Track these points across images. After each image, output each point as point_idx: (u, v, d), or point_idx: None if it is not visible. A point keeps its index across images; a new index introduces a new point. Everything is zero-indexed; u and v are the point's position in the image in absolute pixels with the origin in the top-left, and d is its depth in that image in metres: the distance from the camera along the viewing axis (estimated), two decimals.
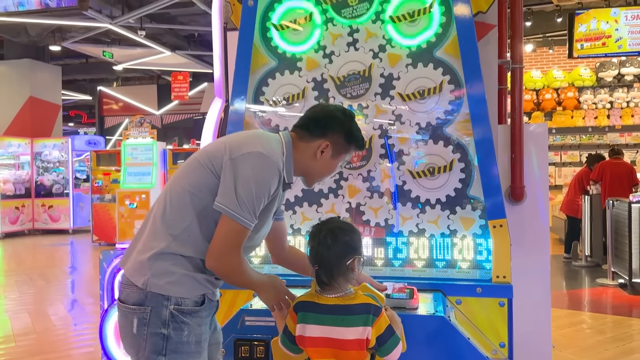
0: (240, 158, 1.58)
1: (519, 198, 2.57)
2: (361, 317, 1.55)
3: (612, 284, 6.01)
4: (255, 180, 1.57)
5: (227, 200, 1.55)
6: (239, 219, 1.54)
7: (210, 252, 1.58)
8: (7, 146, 11.56)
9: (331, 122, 1.75)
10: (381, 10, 2.28)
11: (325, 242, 1.58)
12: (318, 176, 1.83)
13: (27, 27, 10.51)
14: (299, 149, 1.74)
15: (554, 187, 10.63)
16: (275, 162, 1.62)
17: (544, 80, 10.84)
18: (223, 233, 1.56)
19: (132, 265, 1.63)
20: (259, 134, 1.76)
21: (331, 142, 1.74)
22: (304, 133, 1.75)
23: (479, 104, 2.13)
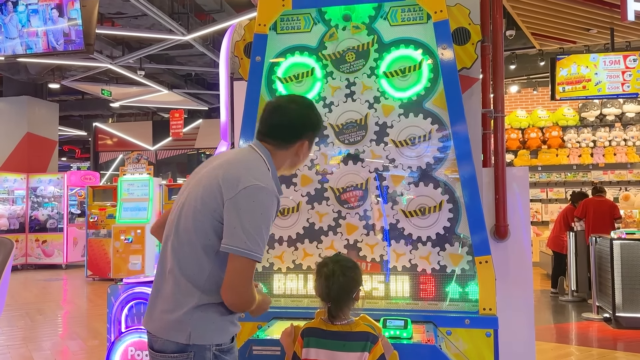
0: (239, 196, 1.60)
1: (503, 236, 2.78)
2: (360, 344, 1.75)
3: (597, 318, 6.18)
4: (260, 212, 1.61)
5: (234, 240, 1.57)
6: (249, 254, 1.57)
7: (229, 288, 1.59)
8: (3, 181, 11.66)
9: (305, 125, 1.83)
10: (375, 66, 2.53)
11: (338, 282, 1.79)
12: (297, 167, 1.97)
13: (27, 66, 10.77)
14: (278, 158, 1.81)
15: (541, 223, 10.88)
16: (272, 190, 1.66)
17: (529, 120, 11.23)
18: (237, 270, 1.58)
19: (164, 325, 1.64)
20: (244, 160, 1.75)
21: (307, 140, 1.85)
22: (280, 142, 1.81)
23: (463, 148, 2.35)
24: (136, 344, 2.92)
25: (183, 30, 8.19)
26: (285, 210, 2.53)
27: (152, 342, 1.68)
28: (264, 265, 2.51)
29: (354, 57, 2.54)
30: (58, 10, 5.70)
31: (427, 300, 2.37)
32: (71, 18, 5.67)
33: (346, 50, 2.54)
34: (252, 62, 2.54)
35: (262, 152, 1.79)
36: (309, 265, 2.49)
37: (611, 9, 6.96)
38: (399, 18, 2.52)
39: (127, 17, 8.58)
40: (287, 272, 2.50)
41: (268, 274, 2.51)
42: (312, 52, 2.58)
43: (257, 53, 2.55)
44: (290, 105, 1.86)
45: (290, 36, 2.61)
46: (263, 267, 2.51)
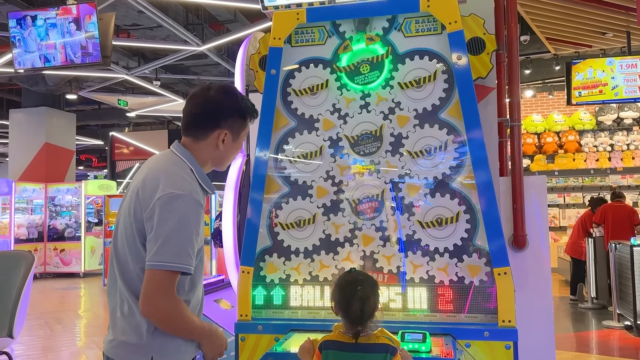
0: (153, 208, 1.54)
1: (521, 246, 2.76)
2: (380, 355, 1.75)
3: (618, 326, 6.08)
4: (177, 221, 1.53)
5: (150, 253, 1.52)
6: (164, 265, 1.51)
7: (145, 300, 1.53)
8: (22, 191, 11.85)
9: (220, 111, 1.71)
10: (390, 77, 2.53)
11: (369, 304, 1.79)
12: (227, 161, 1.82)
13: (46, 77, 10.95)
14: (199, 152, 1.70)
15: (558, 229, 10.76)
16: (189, 196, 1.57)
17: (545, 124, 11.13)
18: (153, 281, 1.51)
19: (124, 350, 1.60)
20: (162, 169, 1.65)
21: (228, 129, 1.72)
22: (197, 132, 1.71)
23: (480, 157, 2.34)
24: None
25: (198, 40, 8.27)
26: (301, 222, 2.53)
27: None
28: (281, 277, 2.51)
29: (369, 68, 2.54)
30: (75, 24, 5.79)
31: (445, 312, 2.35)
32: (88, 31, 5.76)
33: (360, 62, 2.55)
34: (267, 75, 2.56)
35: (181, 153, 1.69)
36: (326, 277, 2.49)
37: (627, 12, 6.89)
38: (413, 29, 2.52)
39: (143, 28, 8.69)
40: (304, 284, 2.50)
41: (285, 285, 2.51)
42: (326, 64, 2.59)
43: (272, 66, 2.56)
44: (205, 92, 1.74)
45: (304, 49, 2.62)
46: (280, 279, 2.51)
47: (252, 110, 1.82)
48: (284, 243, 2.54)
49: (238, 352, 2.41)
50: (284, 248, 2.54)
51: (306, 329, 2.36)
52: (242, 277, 2.49)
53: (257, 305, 2.49)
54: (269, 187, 2.59)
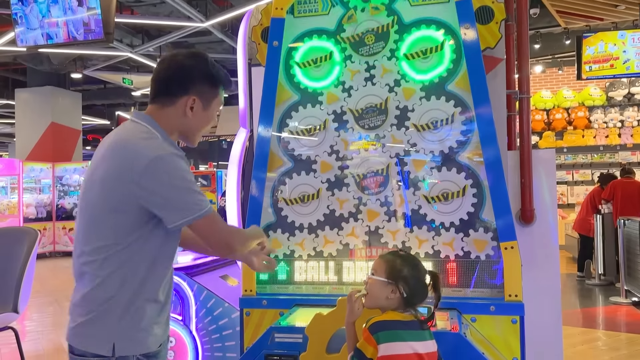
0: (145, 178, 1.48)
1: (529, 220, 2.72)
2: (428, 331, 1.72)
3: (626, 302, 6.06)
4: (180, 178, 1.52)
5: (180, 212, 1.50)
6: (204, 212, 1.52)
7: (218, 247, 1.64)
8: (30, 171, 11.91)
9: (187, 76, 1.62)
10: (396, 48, 2.46)
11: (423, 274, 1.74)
12: (197, 132, 1.72)
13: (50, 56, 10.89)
14: (164, 117, 1.61)
15: (567, 206, 10.69)
16: (170, 152, 1.53)
17: (554, 100, 10.98)
18: (209, 228, 1.55)
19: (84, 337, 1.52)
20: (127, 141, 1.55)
21: (197, 96, 1.63)
22: (164, 99, 1.62)
23: (488, 130, 2.29)
24: None
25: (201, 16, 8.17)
26: (305, 197, 2.50)
27: (72, 347, 1.54)
28: (285, 252, 2.49)
29: (374, 39, 2.48)
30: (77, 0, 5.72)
31: (451, 287, 2.33)
32: (90, 7, 5.68)
33: (365, 33, 2.48)
34: (269, 47, 2.50)
35: (143, 120, 1.59)
36: (330, 252, 2.47)
37: None
38: None
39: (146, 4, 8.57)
40: (308, 260, 2.48)
41: (289, 261, 2.49)
42: (330, 35, 2.53)
43: (274, 38, 2.51)
44: (173, 57, 1.65)
45: (307, 19, 2.56)
46: (284, 254, 2.49)
47: (225, 78, 1.72)
48: (288, 219, 2.52)
49: (243, 326, 2.41)
50: (288, 224, 2.51)
51: (311, 303, 2.35)
52: None
53: (262, 280, 2.48)
54: (272, 162, 2.55)
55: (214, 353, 2.93)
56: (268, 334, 2.08)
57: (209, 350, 2.94)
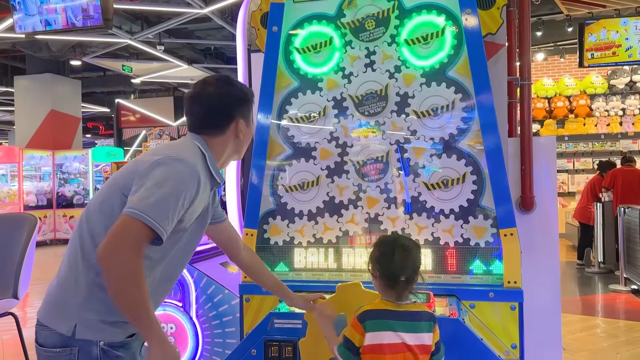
0: (150, 166, 1.48)
1: (529, 207, 2.71)
2: (427, 324, 1.68)
3: (625, 290, 6.08)
4: (172, 181, 1.45)
5: (131, 201, 1.41)
6: (141, 216, 1.37)
7: (105, 243, 1.36)
8: (30, 158, 11.90)
9: (230, 105, 1.69)
10: (396, 33, 2.44)
11: (412, 257, 1.70)
12: (245, 147, 1.80)
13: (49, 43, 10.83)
14: (217, 146, 1.68)
15: (567, 194, 10.69)
16: (192, 164, 1.52)
17: (556, 88, 10.93)
18: (122, 225, 1.37)
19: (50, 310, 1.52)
20: (171, 144, 1.66)
21: (241, 118, 1.71)
22: (212, 130, 1.68)
23: (489, 117, 2.28)
24: (160, 317, 2.96)
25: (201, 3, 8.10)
26: (304, 184, 2.49)
27: (37, 333, 1.52)
28: (285, 239, 2.49)
29: (374, 24, 2.45)
30: None
31: (450, 274, 2.33)
32: None
33: (365, 18, 2.46)
34: (269, 33, 2.48)
35: (197, 140, 1.66)
36: (330, 239, 2.47)
37: None
38: None
39: None
40: (308, 246, 2.48)
41: (289, 248, 2.49)
42: (330, 20, 2.51)
43: (273, 23, 2.48)
44: (206, 90, 1.70)
45: (307, 5, 2.54)
46: (284, 241, 2.49)
47: (249, 90, 1.82)
48: (287, 206, 2.51)
49: (242, 313, 2.42)
50: (288, 211, 2.51)
51: (310, 290, 2.35)
52: (246, 239, 2.47)
53: None
54: (272, 149, 2.54)
55: (214, 339, 2.94)
56: (267, 319, 2.09)
57: (209, 336, 2.95)
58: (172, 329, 2.91)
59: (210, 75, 1.84)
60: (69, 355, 1.44)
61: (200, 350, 2.94)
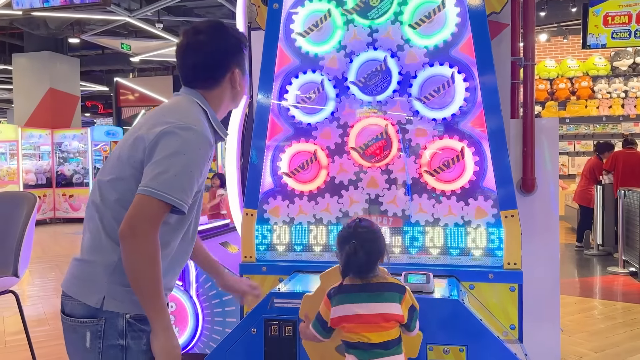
0: (158, 137, 1.42)
1: (530, 189, 2.71)
2: (390, 294, 1.72)
3: (623, 272, 6.11)
4: (183, 153, 1.41)
5: (145, 179, 1.39)
6: (157, 194, 1.36)
7: (126, 223, 1.36)
8: (29, 137, 11.87)
9: (225, 55, 1.60)
10: (399, 11, 2.40)
11: (358, 260, 1.72)
12: (242, 96, 1.73)
13: (47, 20, 10.72)
14: (215, 99, 1.61)
15: (567, 177, 10.68)
16: (201, 131, 1.47)
17: (558, 70, 10.84)
18: (140, 205, 1.37)
19: (77, 282, 1.49)
20: (171, 106, 1.57)
21: (236, 67, 1.63)
22: (206, 83, 1.60)
23: (491, 98, 2.25)
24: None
25: None
26: (305, 164, 2.48)
27: (63, 304, 1.51)
28: (285, 219, 2.49)
29: (377, 1, 2.41)
30: None
31: (450, 255, 2.33)
32: None
33: None
34: (269, 10, 2.44)
35: (194, 96, 1.58)
36: (330, 220, 2.46)
37: None
38: None
39: None
40: (308, 226, 2.47)
41: (289, 227, 2.49)
42: None
43: (274, 0, 2.44)
44: (199, 39, 1.59)
45: None
46: (284, 221, 2.49)
47: (242, 35, 1.71)
48: (288, 186, 2.50)
49: None
50: (288, 191, 2.50)
51: (310, 270, 2.36)
52: (246, 219, 2.47)
53: (261, 247, 2.48)
54: (273, 129, 2.52)
55: (214, 318, 2.96)
56: (267, 299, 2.09)
57: (209, 315, 2.97)
58: (172, 308, 2.93)
59: (200, 21, 1.71)
60: (96, 326, 1.44)
61: (201, 329, 2.96)
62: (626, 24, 7.49)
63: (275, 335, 2.06)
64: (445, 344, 1.95)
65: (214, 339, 2.92)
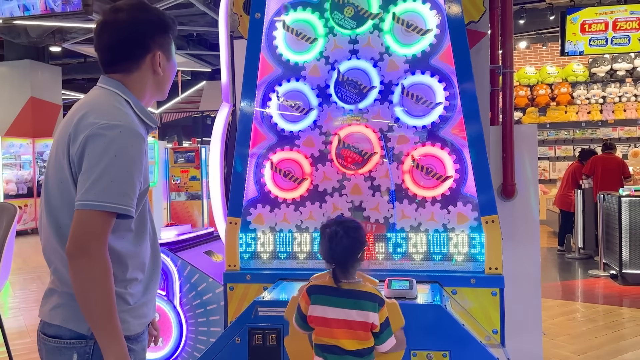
0: (84, 142, 1.33)
1: (510, 195, 2.75)
2: (369, 303, 1.75)
3: (604, 275, 6.21)
4: (114, 155, 1.32)
5: (80, 192, 1.30)
6: (94, 205, 1.29)
7: (71, 242, 1.29)
8: (9, 146, 11.70)
9: (144, 33, 1.49)
10: (380, 21, 2.43)
11: (341, 243, 1.77)
12: (167, 85, 1.62)
13: (28, 29, 10.61)
14: (135, 84, 1.50)
15: (548, 181, 10.84)
16: (128, 126, 1.37)
17: (538, 76, 11.02)
18: (81, 222, 1.29)
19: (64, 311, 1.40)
20: (90, 103, 1.45)
21: (159, 49, 1.52)
22: (126, 65, 1.49)
23: (471, 106, 2.29)
24: None
25: None
26: (288, 173, 2.49)
27: (45, 328, 1.42)
28: (269, 227, 2.49)
29: (358, 11, 2.44)
30: None
31: (432, 261, 2.35)
32: None
33: (348, 3, 2.44)
34: (251, 19, 2.46)
35: (111, 85, 1.47)
36: (315, 227, 2.47)
37: None
38: None
39: None
40: (292, 234, 2.48)
41: (272, 235, 2.49)
42: (314, 7, 2.49)
43: (256, 9, 2.46)
44: (117, 17, 1.47)
45: None
46: (268, 229, 2.49)
47: (169, 18, 1.60)
48: (271, 194, 2.51)
49: (227, 301, 2.42)
50: (272, 199, 2.51)
51: (294, 278, 2.36)
52: (230, 227, 2.47)
53: (245, 255, 2.48)
54: (256, 137, 2.53)
55: (199, 327, 2.95)
56: (252, 307, 2.09)
57: (193, 325, 2.95)
58: (156, 318, 2.91)
59: (122, 0, 1.57)
60: (84, 347, 1.37)
61: (185, 339, 2.95)
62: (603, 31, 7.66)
63: (260, 344, 2.06)
64: (429, 349, 1.97)
65: (198, 349, 2.91)
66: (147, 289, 1.55)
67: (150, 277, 1.57)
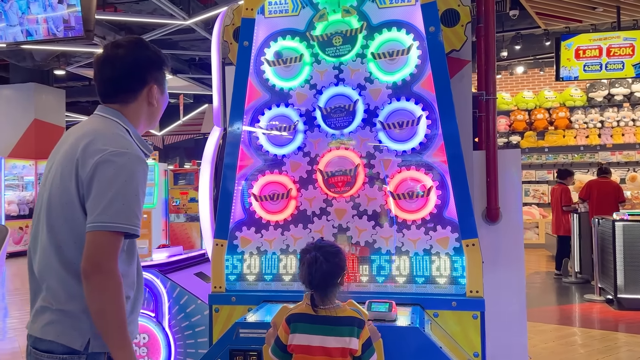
0: (95, 169, 1.45)
1: (494, 219, 2.78)
2: (347, 329, 1.77)
3: (600, 300, 6.18)
4: (124, 180, 1.45)
5: (92, 215, 1.41)
6: (108, 226, 1.41)
7: (86, 261, 1.40)
8: (12, 168, 11.81)
9: (143, 68, 1.63)
10: (364, 49, 2.51)
11: (321, 269, 1.79)
12: (159, 116, 1.75)
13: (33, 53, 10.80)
14: (131, 114, 1.63)
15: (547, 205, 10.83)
16: (134, 154, 1.50)
17: (536, 101, 11.13)
18: (96, 243, 1.41)
19: (57, 327, 1.47)
20: (95, 131, 1.55)
21: (154, 83, 1.66)
22: (125, 97, 1.62)
23: (451, 131, 2.34)
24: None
25: (184, 14, 8.16)
26: (275, 196, 2.54)
27: (36, 343, 1.50)
28: (254, 249, 2.53)
29: (341, 41, 2.52)
30: None
31: (414, 283, 2.38)
32: (70, 5, 5.65)
33: (334, 34, 2.52)
34: (240, 47, 2.54)
35: (111, 115, 1.60)
36: (300, 249, 2.50)
37: None
38: (387, 0, 2.50)
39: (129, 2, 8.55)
40: (277, 256, 2.52)
41: (258, 258, 2.53)
42: (300, 36, 2.57)
43: (244, 38, 2.54)
44: (117, 52, 1.61)
45: (278, 20, 2.60)
46: (255, 250, 2.53)
47: (163, 56, 1.74)
48: (257, 216, 2.55)
49: (212, 323, 2.44)
50: (258, 221, 2.55)
51: (279, 299, 2.39)
52: (216, 249, 2.51)
53: (232, 277, 2.52)
54: (243, 160, 2.59)
55: (187, 349, 2.96)
56: (233, 329, 2.12)
57: (181, 346, 2.97)
58: (145, 339, 2.93)
59: (122, 37, 1.76)
60: None
61: None
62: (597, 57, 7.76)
63: None
64: None
65: None
66: (134, 307, 1.63)
67: (136, 296, 1.65)
